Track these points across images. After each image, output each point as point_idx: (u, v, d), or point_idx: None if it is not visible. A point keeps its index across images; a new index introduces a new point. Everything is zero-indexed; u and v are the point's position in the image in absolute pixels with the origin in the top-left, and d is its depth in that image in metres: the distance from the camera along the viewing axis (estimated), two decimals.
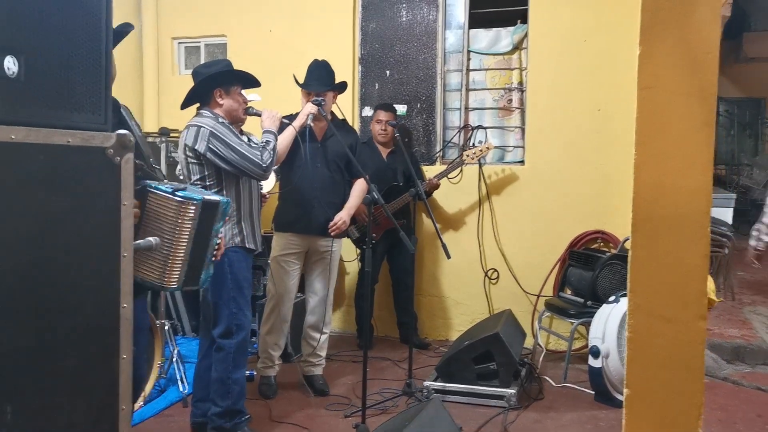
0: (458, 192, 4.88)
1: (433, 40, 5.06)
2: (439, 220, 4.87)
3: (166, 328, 3.78)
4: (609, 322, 3.60)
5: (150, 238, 1.92)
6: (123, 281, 1.64)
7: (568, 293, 4.42)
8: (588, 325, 3.90)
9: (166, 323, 3.80)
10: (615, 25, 4.46)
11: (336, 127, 3.64)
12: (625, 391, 1.75)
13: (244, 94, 3.11)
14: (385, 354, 4.54)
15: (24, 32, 1.41)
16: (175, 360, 3.73)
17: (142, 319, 2.31)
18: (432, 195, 4.76)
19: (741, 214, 6.75)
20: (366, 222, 3.74)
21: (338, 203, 3.73)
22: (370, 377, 3.25)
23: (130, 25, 2.20)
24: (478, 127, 4.99)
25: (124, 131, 1.61)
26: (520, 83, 4.93)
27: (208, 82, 3.00)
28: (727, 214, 5.57)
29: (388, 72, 5.18)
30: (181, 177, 3.13)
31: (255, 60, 4.75)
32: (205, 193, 2.14)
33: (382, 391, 3.76)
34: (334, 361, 4.38)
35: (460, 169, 4.73)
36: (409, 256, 3.95)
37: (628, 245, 1.75)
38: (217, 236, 2.16)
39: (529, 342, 4.58)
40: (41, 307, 1.46)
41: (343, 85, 3.84)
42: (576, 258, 4.36)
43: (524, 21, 4.83)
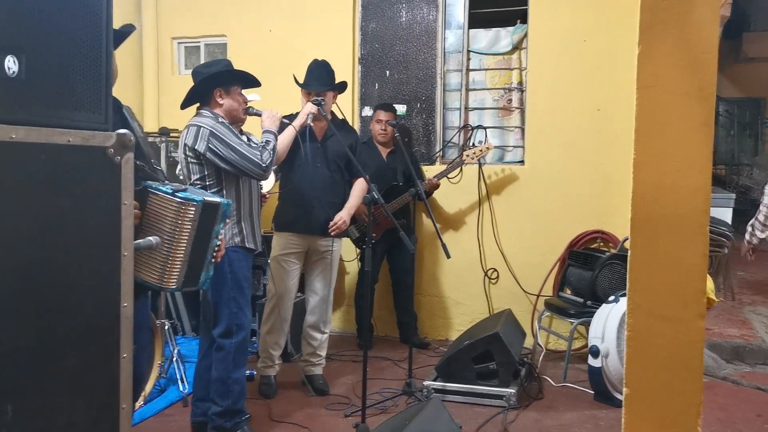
0: (458, 192, 4.88)
1: (433, 40, 5.06)
2: (439, 219, 4.87)
3: (166, 327, 3.79)
4: (608, 321, 3.61)
5: (150, 238, 1.93)
6: (123, 280, 1.64)
7: (567, 293, 4.42)
8: (587, 325, 3.91)
9: (166, 323, 3.81)
10: (615, 25, 4.46)
11: (336, 127, 3.64)
12: (625, 391, 1.75)
13: (244, 94, 3.12)
14: (385, 354, 4.54)
15: (25, 32, 1.41)
16: (175, 359, 3.74)
17: (144, 319, 2.31)
18: (432, 195, 4.77)
19: (741, 214, 6.74)
20: (366, 222, 3.74)
21: (338, 203, 3.73)
22: (370, 377, 3.25)
23: (132, 26, 2.21)
24: (478, 127, 5.00)
25: (125, 130, 1.62)
26: (520, 83, 4.93)
27: (208, 81, 3.00)
28: (726, 214, 5.57)
29: (388, 72, 5.18)
30: (181, 177, 3.14)
31: (255, 60, 4.76)
32: (206, 195, 2.14)
33: (382, 391, 3.76)
34: (334, 360, 4.38)
35: (460, 169, 4.73)
36: (409, 255, 3.95)
37: (628, 245, 1.75)
38: (218, 238, 2.16)
39: (529, 342, 4.59)
40: (42, 307, 1.47)
41: (343, 85, 3.85)
42: (576, 258, 4.36)
43: (524, 21, 4.83)
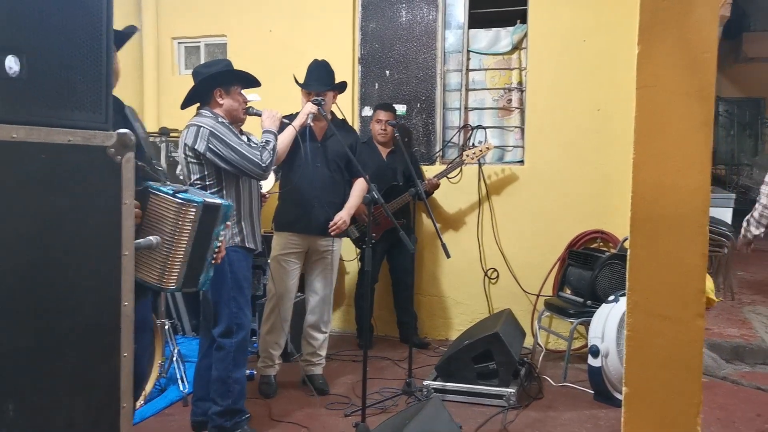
0: (458, 192, 4.89)
1: (433, 40, 5.06)
2: (439, 219, 4.88)
3: (166, 327, 3.79)
4: (608, 321, 3.61)
5: (150, 237, 1.93)
6: (124, 279, 1.64)
7: (567, 293, 4.42)
8: (587, 325, 3.91)
9: (167, 323, 3.81)
10: (614, 25, 4.46)
11: (336, 126, 3.65)
12: (624, 390, 1.75)
13: (244, 93, 3.12)
14: (384, 353, 4.54)
15: (25, 32, 1.42)
16: (175, 359, 3.74)
17: (146, 319, 2.32)
18: (432, 194, 4.77)
19: (741, 214, 6.73)
20: (366, 222, 3.74)
21: (338, 203, 3.74)
22: (369, 376, 3.25)
23: (134, 28, 2.22)
24: (477, 126, 5.00)
25: (125, 130, 1.62)
26: (520, 83, 4.93)
27: (208, 81, 3.00)
28: (726, 214, 5.57)
29: (388, 72, 5.18)
30: (181, 177, 3.14)
31: (255, 60, 4.76)
32: (207, 196, 2.15)
33: (381, 391, 3.76)
34: (334, 360, 4.38)
35: (459, 169, 4.73)
36: (409, 255, 3.95)
37: (628, 245, 1.75)
38: (218, 239, 2.16)
39: (529, 341, 4.59)
40: (42, 306, 1.47)
41: (343, 85, 3.85)
42: (575, 258, 4.36)
43: (524, 21, 4.83)
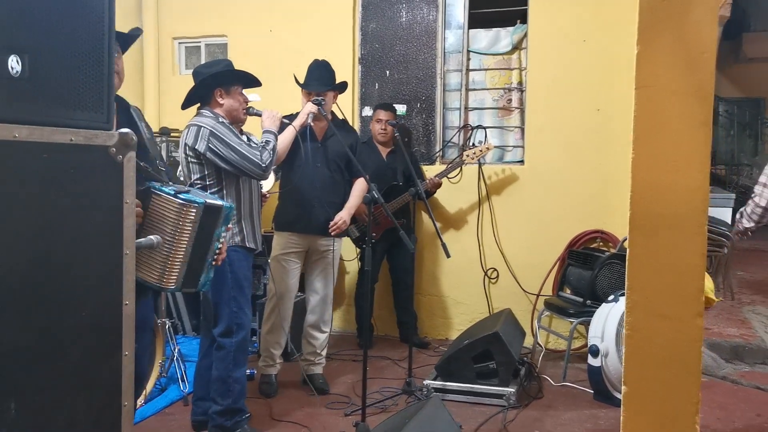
0: (458, 192, 4.89)
1: (433, 40, 5.07)
2: (439, 219, 4.88)
3: (166, 327, 3.79)
4: (608, 321, 3.61)
5: (151, 237, 1.94)
6: (125, 279, 1.65)
7: (567, 292, 4.43)
8: (587, 325, 3.92)
9: (167, 322, 3.81)
10: (614, 25, 4.47)
11: (336, 126, 3.65)
12: (623, 389, 1.76)
13: (244, 93, 3.12)
14: (385, 353, 4.55)
15: (27, 31, 1.42)
16: (175, 359, 3.75)
17: (146, 319, 2.32)
18: (434, 194, 4.77)
19: None
20: (366, 221, 3.75)
21: (338, 203, 3.74)
22: (370, 376, 3.25)
23: (139, 30, 2.24)
24: (477, 126, 5.00)
25: (127, 129, 1.62)
26: (520, 83, 4.94)
27: (208, 81, 3.01)
28: (726, 214, 5.57)
29: (388, 72, 5.18)
30: (182, 177, 3.15)
31: (255, 60, 4.77)
32: (209, 197, 2.15)
33: (382, 390, 3.77)
34: (334, 360, 4.39)
35: (459, 168, 4.74)
36: (409, 255, 3.96)
37: (627, 244, 1.76)
38: (219, 241, 2.17)
39: (529, 341, 4.59)
40: (43, 305, 1.47)
41: (344, 85, 3.85)
42: (575, 257, 4.37)
43: (524, 21, 4.84)
